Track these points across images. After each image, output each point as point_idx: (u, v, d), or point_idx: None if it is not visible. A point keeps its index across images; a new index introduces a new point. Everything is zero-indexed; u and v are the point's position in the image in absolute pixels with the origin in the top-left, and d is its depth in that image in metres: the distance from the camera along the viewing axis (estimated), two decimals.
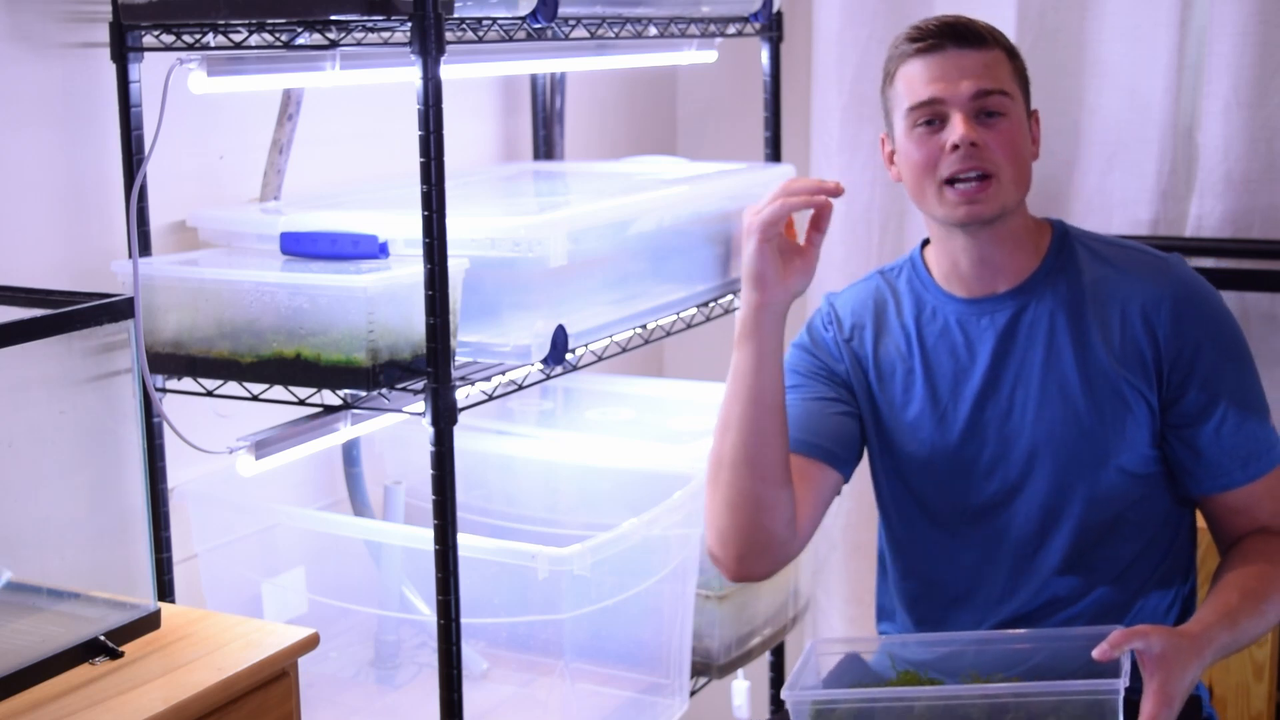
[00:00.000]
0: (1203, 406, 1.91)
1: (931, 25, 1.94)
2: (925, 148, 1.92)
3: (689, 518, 2.24)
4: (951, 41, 1.92)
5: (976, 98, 1.90)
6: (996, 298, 1.98)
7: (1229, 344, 1.94)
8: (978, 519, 1.98)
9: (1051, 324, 1.96)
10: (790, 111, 2.96)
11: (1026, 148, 1.94)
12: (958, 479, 1.98)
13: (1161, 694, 1.71)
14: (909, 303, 2.05)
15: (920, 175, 1.93)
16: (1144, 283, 1.95)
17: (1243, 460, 1.92)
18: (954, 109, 1.90)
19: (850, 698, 1.77)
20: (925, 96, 1.91)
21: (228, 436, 2.03)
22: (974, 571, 1.99)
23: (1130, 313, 1.94)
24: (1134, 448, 1.93)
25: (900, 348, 2.03)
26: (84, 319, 1.63)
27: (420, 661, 2.32)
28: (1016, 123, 1.92)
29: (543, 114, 2.90)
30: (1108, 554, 1.94)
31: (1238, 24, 2.68)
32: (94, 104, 2.08)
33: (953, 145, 1.89)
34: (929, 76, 1.91)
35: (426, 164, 1.85)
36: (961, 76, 1.90)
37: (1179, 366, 1.91)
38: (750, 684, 2.81)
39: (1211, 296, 1.96)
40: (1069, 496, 1.94)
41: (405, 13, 1.83)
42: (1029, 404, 1.95)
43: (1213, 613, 1.84)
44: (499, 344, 2.05)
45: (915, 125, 1.93)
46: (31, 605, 1.65)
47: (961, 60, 1.91)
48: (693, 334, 2.61)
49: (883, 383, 2.03)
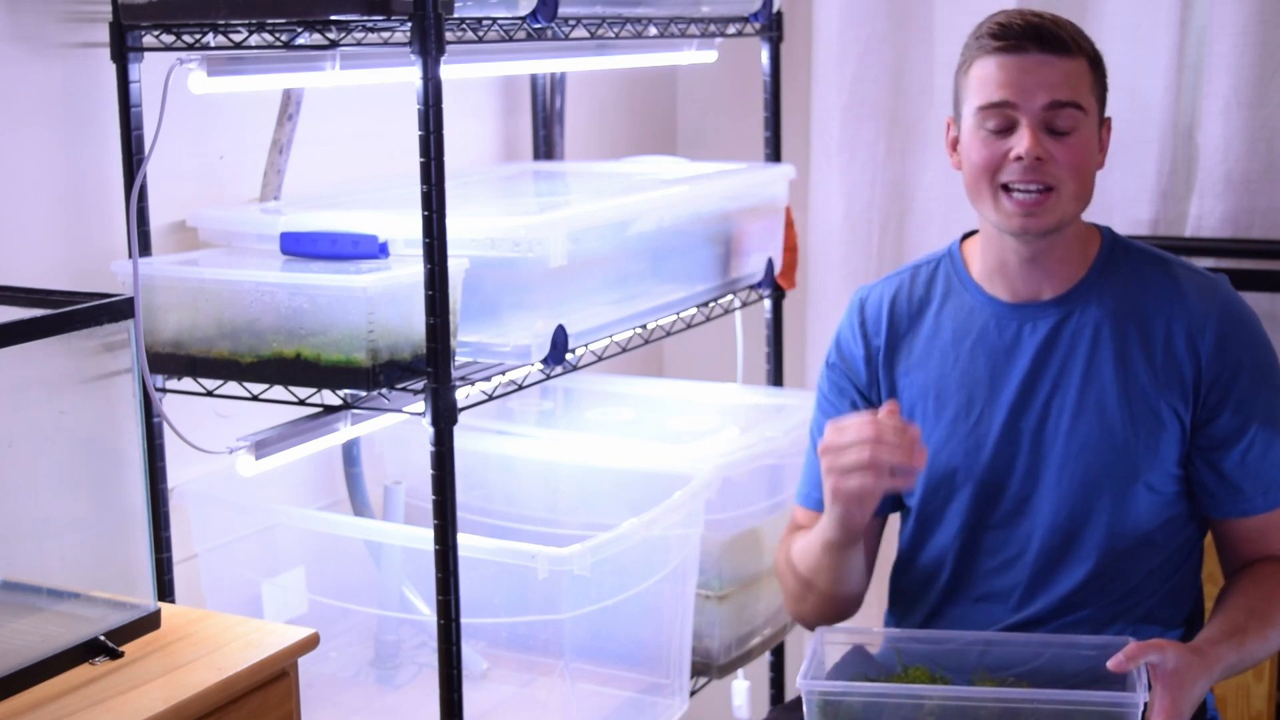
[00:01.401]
0: (1233, 431, 1.90)
1: (1016, 23, 1.86)
2: (989, 150, 1.87)
3: (689, 518, 2.24)
4: (1034, 44, 1.85)
5: (1049, 109, 1.85)
6: (1040, 304, 1.96)
7: (1267, 371, 1.93)
8: (1001, 525, 1.97)
9: (1095, 335, 1.93)
10: (790, 111, 2.96)
11: (1092, 163, 1.90)
12: (986, 485, 1.96)
13: (1174, 709, 1.71)
14: (946, 301, 2.02)
15: (979, 175, 1.89)
16: (1190, 302, 1.93)
17: (1265, 488, 1.92)
18: (1024, 116, 1.85)
19: (866, 692, 1.77)
20: (997, 98, 1.86)
21: (228, 436, 2.03)
22: (993, 576, 1.98)
23: (1175, 331, 1.91)
24: (1162, 465, 1.92)
25: (934, 347, 2.01)
26: (84, 319, 1.63)
27: (420, 661, 2.32)
28: (1086, 138, 1.87)
29: (543, 114, 2.90)
30: (1126, 569, 1.94)
31: (1238, 24, 2.68)
32: (94, 104, 2.08)
33: (1016, 156, 1.85)
34: (1004, 79, 1.85)
35: (426, 164, 1.85)
36: (1038, 85, 1.84)
37: (1216, 389, 1.90)
38: (750, 684, 2.82)
39: (1254, 322, 1.95)
40: (1094, 509, 1.93)
41: (405, 13, 1.83)
42: (1064, 414, 1.93)
43: (1221, 632, 1.84)
44: (499, 344, 2.05)
45: (983, 125, 1.88)
46: (31, 605, 1.65)
47: (1041, 67, 1.84)
48: (693, 334, 2.61)
49: (914, 385, 2.02)
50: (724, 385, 2.79)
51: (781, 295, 2.80)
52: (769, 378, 2.85)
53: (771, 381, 2.85)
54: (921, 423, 1.99)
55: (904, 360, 2.03)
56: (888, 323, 2.04)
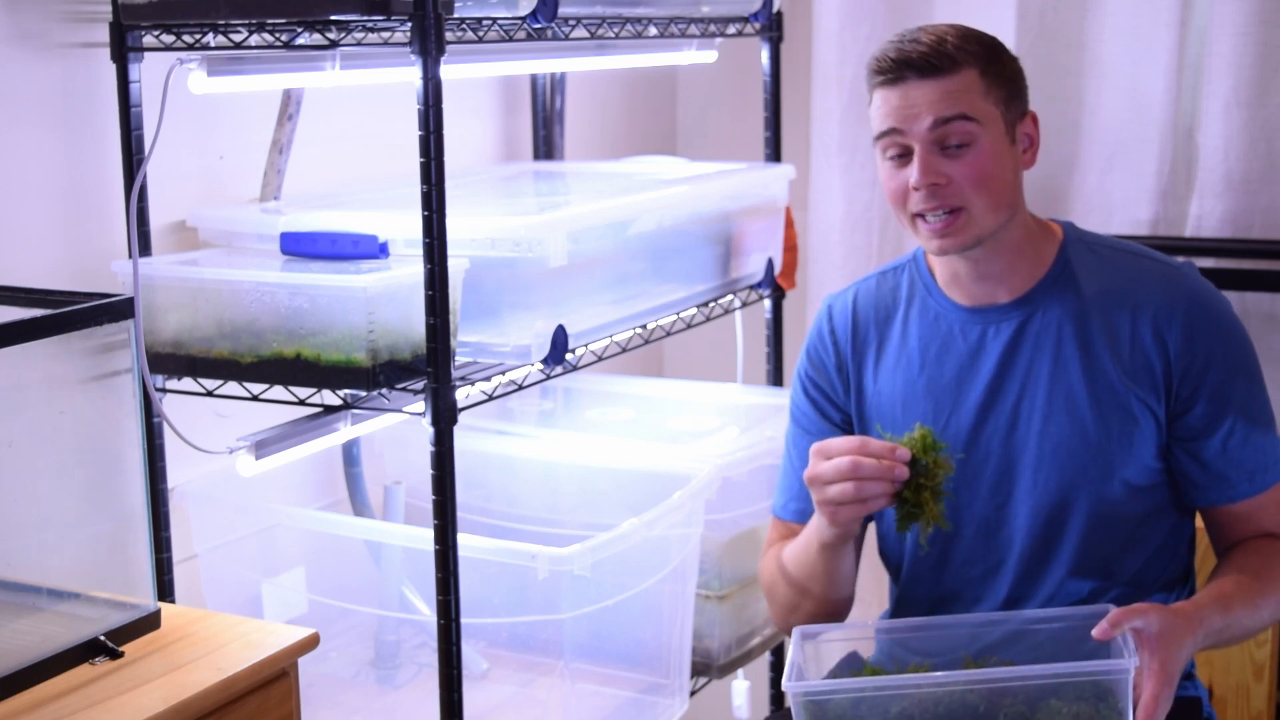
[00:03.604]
0: (1210, 420, 1.89)
1: (889, 56, 1.87)
2: (895, 181, 1.90)
3: (689, 518, 2.24)
4: (911, 72, 1.86)
5: (936, 127, 1.85)
6: (1000, 307, 1.96)
7: (1239, 357, 1.92)
8: (980, 531, 1.96)
9: (1059, 334, 1.93)
10: (790, 111, 2.96)
11: (1003, 169, 1.88)
12: (960, 491, 1.95)
13: (1163, 672, 1.71)
14: (911, 306, 2.02)
15: (895, 206, 1.92)
16: (1155, 292, 1.91)
17: (1249, 473, 1.91)
18: (914, 141, 1.86)
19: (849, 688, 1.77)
20: (885, 127, 1.88)
21: (228, 436, 2.03)
22: (978, 583, 1.98)
23: (1140, 324, 1.91)
24: (1139, 461, 1.91)
25: (901, 354, 2.01)
26: (84, 319, 1.63)
27: (420, 661, 2.32)
28: (985, 149, 1.86)
29: (543, 114, 2.90)
30: (1112, 566, 1.93)
31: (1238, 24, 2.68)
32: (94, 104, 2.08)
33: (914, 186, 1.86)
34: (888, 109, 1.87)
35: (426, 164, 1.85)
36: (920, 108, 1.85)
37: (1188, 380, 1.89)
38: (750, 684, 2.81)
39: (1223, 308, 1.93)
40: (1073, 510, 1.92)
41: (405, 13, 1.83)
42: (1034, 416, 1.93)
43: (1207, 595, 1.84)
44: (499, 344, 2.05)
45: (885, 156, 1.91)
46: (31, 605, 1.65)
47: (919, 91, 1.85)
48: (693, 334, 2.61)
49: (881, 392, 2.02)
50: (724, 385, 2.79)
51: (781, 295, 2.80)
52: (769, 378, 2.85)
53: (771, 381, 2.85)
54: (890, 430, 1.98)
55: (872, 367, 2.03)
56: (857, 329, 2.05)
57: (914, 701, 1.74)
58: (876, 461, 1.78)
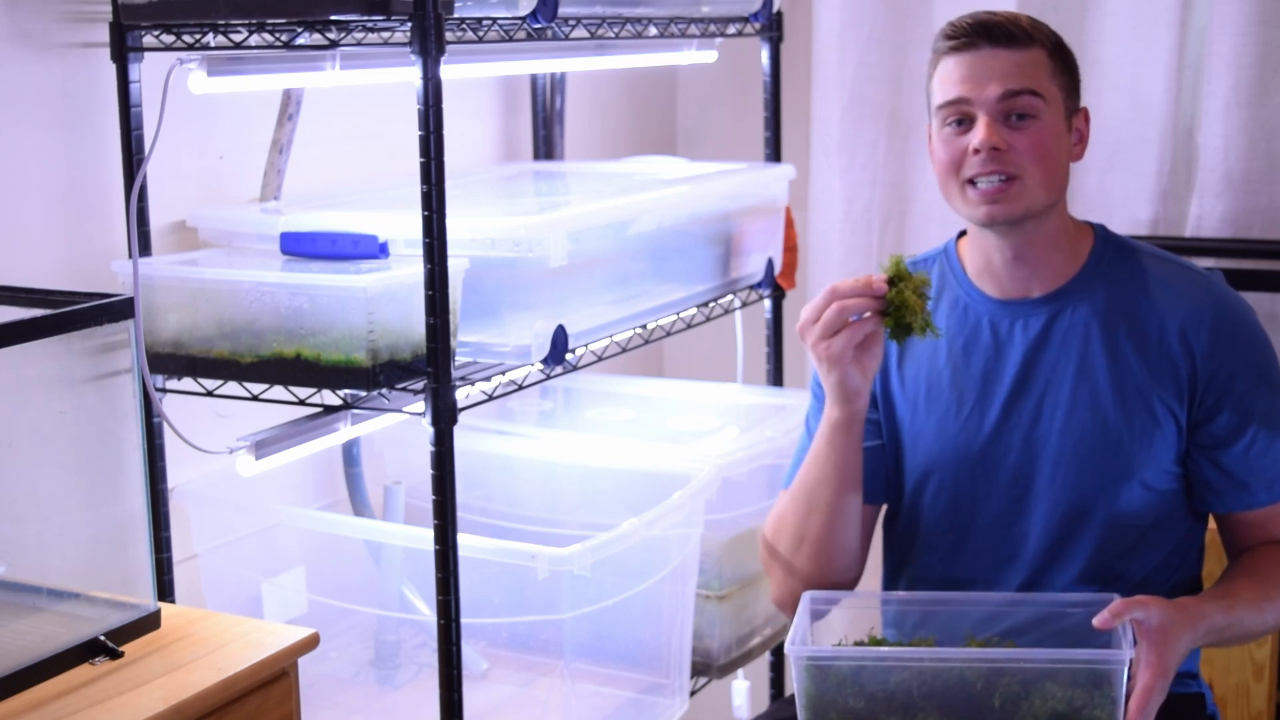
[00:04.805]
0: (1234, 429, 1.90)
1: (966, 23, 1.90)
2: (950, 148, 1.90)
3: (689, 518, 2.24)
4: (985, 40, 1.88)
5: (1004, 99, 1.87)
6: (1031, 301, 1.96)
7: (1264, 367, 1.93)
8: (995, 525, 1.97)
9: (1086, 333, 1.94)
10: (790, 111, 2.96)
11: (1059, 150, 1.91)
12: (979, 483, 1.96)
13: (1159, 664, 1.72)
14: (941, 298, 2.02)
15: (945, 174, 1.92)
16: (1184, 300, 1.93)
17: (1269, 481, 1.92)
18: (979, 109, 1.88)
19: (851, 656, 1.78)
20: (952, 96, 1.89)
21: (228, 436, 2.03)
22: (990, 574, 1.98)
23: (1168, 329, 1.92)
24: (1158, 463, 1.92)
25: (929, 344, 2.00)
26: (84, 319, 1.63)
27: (420, 661, 2.32)
28: (1048, 125, 1.89)
29: (543, 114, 2.90)
30: (1124, 567, 1.94)
31: (1238, 24, 2.68)
32: (94, 104, 2.08)
33: (974, 149, 1.87)
34: (958, 76, 1.89)
35: (426, 164, 1.85)
36: (990, 78, 1.87)
37: (1213, 388, 1.90)
38: (750, 684, 2.81)
39: (1250, 318, 1.95)
40: (1090, 508, 1.92)
41: (405, 13, 1.83)
42: (1058, 412, 1.93)
43: (1211, 593, 1.85)
44: (499, 344, 2.05)
45: (944, 124, 1.91)
46: (31, 605, 1.65)
47: (993, 60, 1.88)
48: (693, 334, 2.61)
49: (905, 382, 2.02)
50: (724, 385, 2.79)
51: (781, 295, 2.80)
52: (769, 378, 2.85)
53: (771, 381, 2.85)
54: (913, 418, 2.00)
55: (900, 354, 2.03)
56: None
57: (913, 674, 1.75)
58: (854, 281, 1.83)
